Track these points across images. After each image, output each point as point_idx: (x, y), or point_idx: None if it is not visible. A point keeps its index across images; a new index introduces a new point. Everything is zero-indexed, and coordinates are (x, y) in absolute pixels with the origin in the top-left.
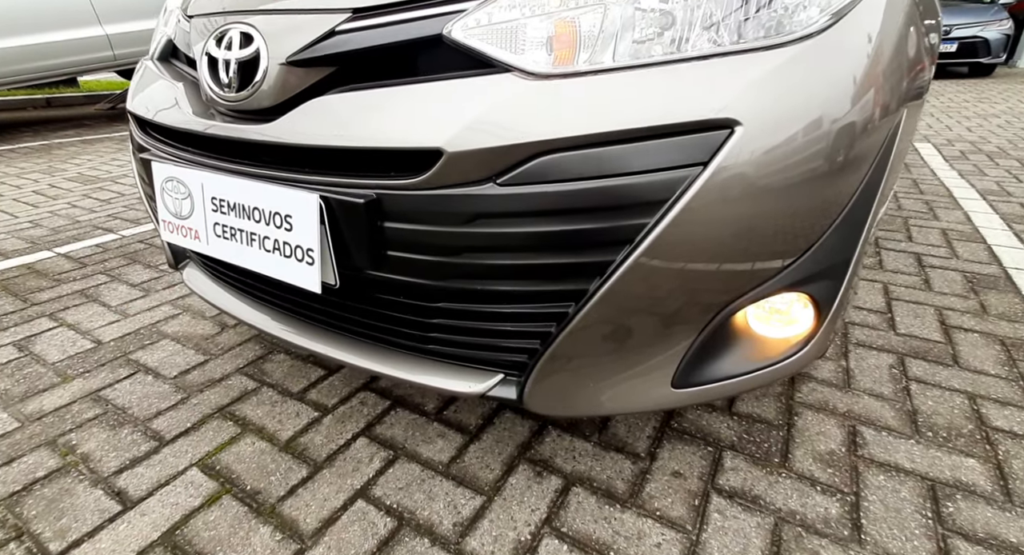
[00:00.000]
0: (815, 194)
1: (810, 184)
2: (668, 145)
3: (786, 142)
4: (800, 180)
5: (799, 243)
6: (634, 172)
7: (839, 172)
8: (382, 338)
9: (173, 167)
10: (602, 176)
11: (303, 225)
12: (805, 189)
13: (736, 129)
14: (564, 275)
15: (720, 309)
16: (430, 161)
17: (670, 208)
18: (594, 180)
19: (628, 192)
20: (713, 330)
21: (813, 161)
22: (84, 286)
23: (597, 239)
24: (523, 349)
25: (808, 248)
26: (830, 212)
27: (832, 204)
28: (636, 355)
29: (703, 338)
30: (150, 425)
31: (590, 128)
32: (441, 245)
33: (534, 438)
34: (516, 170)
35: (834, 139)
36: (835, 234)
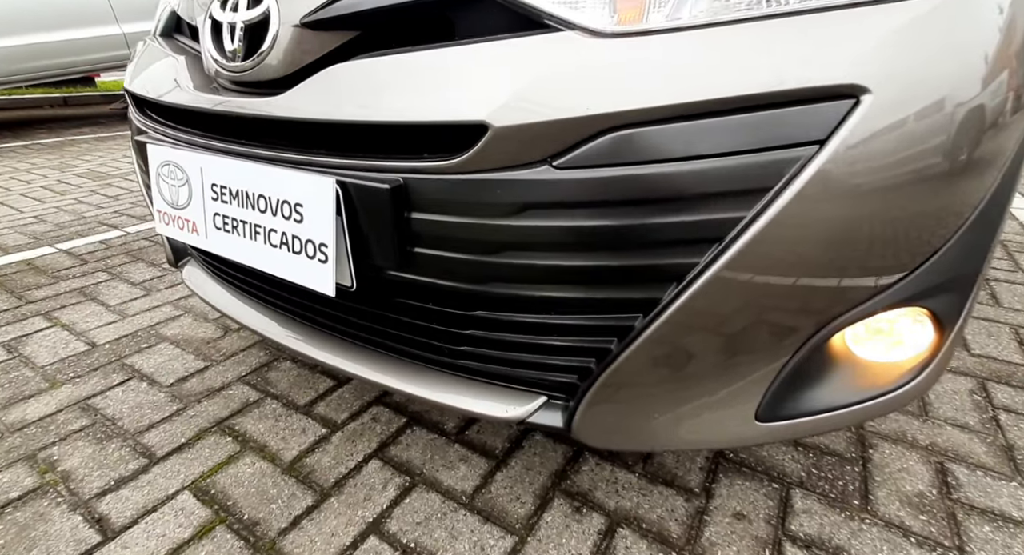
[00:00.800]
0: (952, 186)
1: (949, 174)
2: (772, 119)
3: (925, 119)
4: (938, 169)
5: (924, 248)
6: (728, 153)
7: (981, 161)
8: (404, 350)
9: (170, 150)
10: (686, 157)
11: (316, 216)
12: (943, 180)
13: (863, 99)
14: (632, 281)
15: (819, 328)
16: (471, 139)
17: (773, 199)
18: (675, 162)
19: (719, 178)
20: (809, 352)
21: (956, 145)
22: (83, 284)
23: (676, 237)
24: (573, 368)
25: (934, 253)
26: (964, 210)
27: (968, 200)
28: (714, 381)
29: (796, 362)
30: (141, 439)
31: (671, 98)
32: (480, 241)
33: (570, 466)
34: (577, 150)
35: (982, 120)
36: (966, 237)
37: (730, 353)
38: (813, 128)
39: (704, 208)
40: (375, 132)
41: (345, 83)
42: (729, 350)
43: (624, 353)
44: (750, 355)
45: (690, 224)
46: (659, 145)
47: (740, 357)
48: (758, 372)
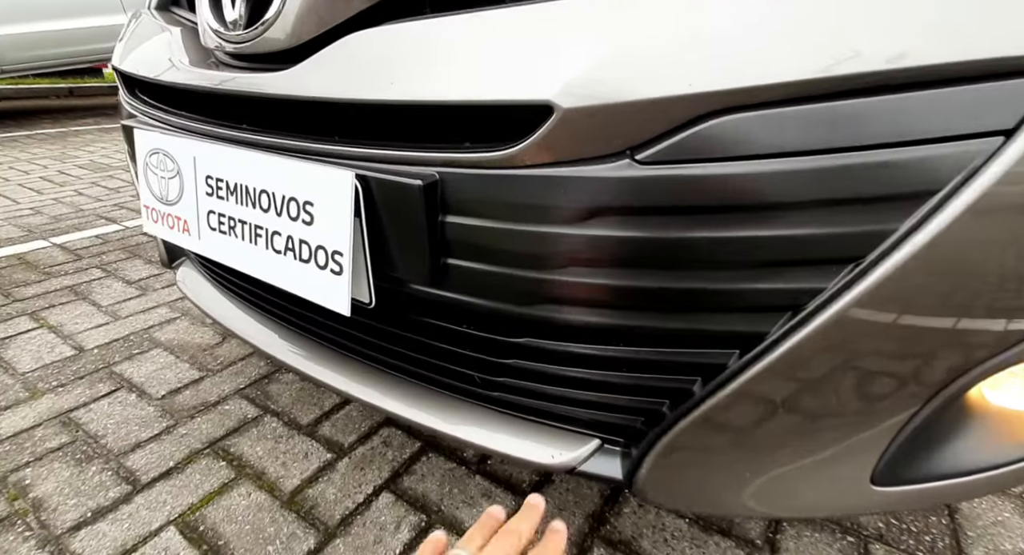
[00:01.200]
0: None
1: None
2: (941, 101)
3: None
4: None
5: None
6: (877, 145)
7: None
8: (427, 377)
9: (159, 136)
10: (816, 151)
11: (329, 217)
12: None
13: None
14: (730, 310)
15: (961, 374)
16: (529, 124)
17: (938, 209)
18: (803, 157)
19: (863, 179)
20: (945, 402)
21: None
22: (75, 281)
23: (797, 256)
24: (640, 409)
25: None
26: None
27: None
28: (823, 435)
29: (927, 414)
30: (125, 462)
31: (799, 71)
32: (534, 254)
33: (608, 508)
34: (669, 139)
35: None
36: None
37: (847, 403)
38: (999, 113)
39: (839, 219)
40: (404, 116)
41: (367, 55)
42: (846, 399)
43: (711, 398)
44: (872, 405)
45: (818, 240)
46: (781, 132)
47: (857, 407)
48: (878, 425)
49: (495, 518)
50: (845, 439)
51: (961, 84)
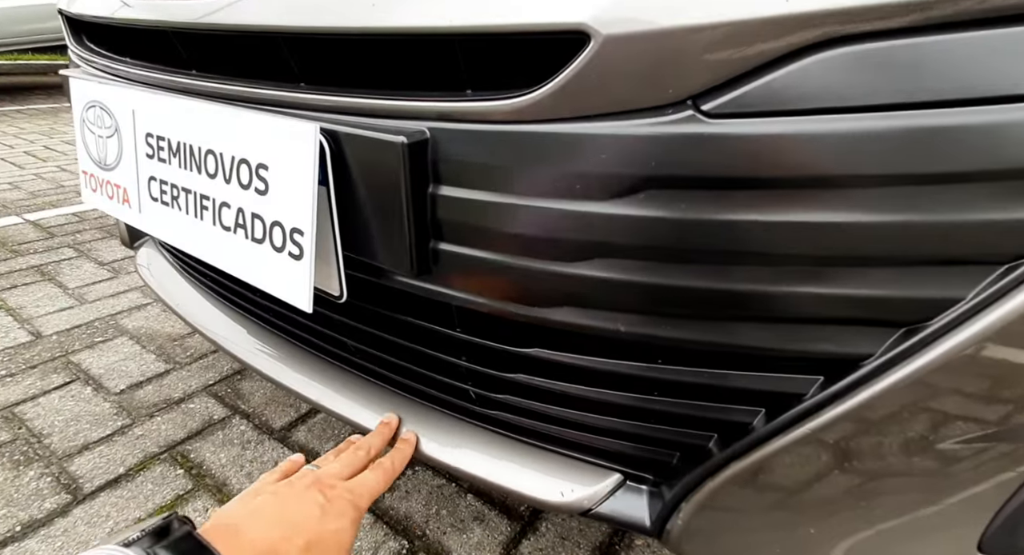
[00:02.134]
0: None
1: None
2: None
3: None
4: None
5: None
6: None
7: None
8: (413, 389)
9: (96, 86)
10: (979, 99)
11: (288, 184)
12: None
13: None
14: (820, 319)
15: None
16: (556, 60)
17: None
18: (956, 108)
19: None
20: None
21: None
22: (44, 261)
23: (937, 249)
24: (676, 443)
25: None
26: None
27: None
28: (920, 492)
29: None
30: (68, 466)
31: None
32: (555, 239)
33: (618, 540)
34: (751, 82)
35: None
36: None
37: (957, 456)
38: None
39: (1005, 198)
40: (386, 51)
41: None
42: (955, 451)
43: (781, 438)
44: (980, 460)
45: (963, 228)
46: (930, 74)
47: (965, 462)
48: (992, 483)
49: (350, 442)
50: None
51: None
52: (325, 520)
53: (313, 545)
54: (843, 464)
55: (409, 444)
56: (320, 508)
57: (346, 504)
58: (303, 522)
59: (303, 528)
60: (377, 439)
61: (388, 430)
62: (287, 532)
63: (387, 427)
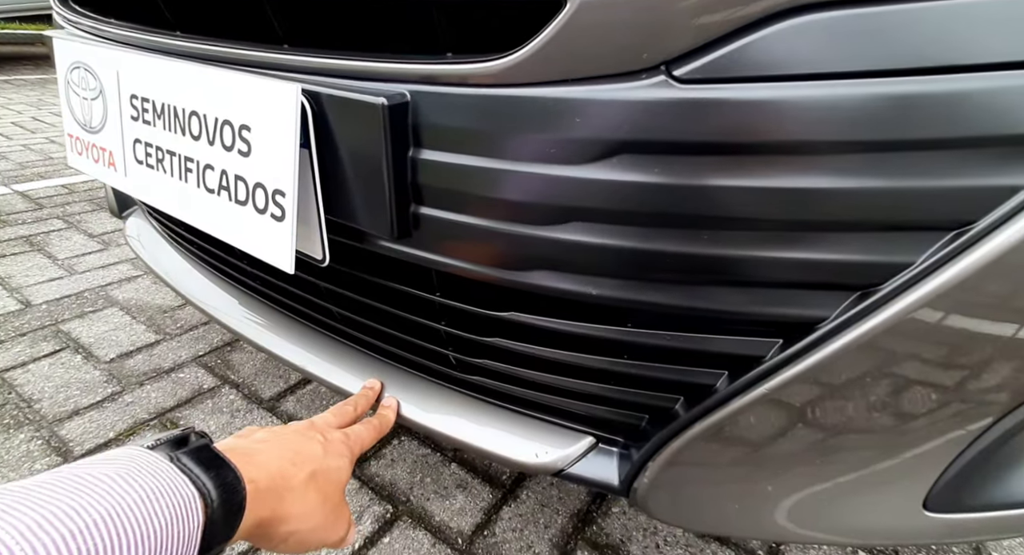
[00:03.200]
0: None
1: None
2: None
3: None
4: None
5: None
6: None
7: None
8: (397, 355)
9: (80, 46)
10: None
11: (270, 146)
12: None
13: None
14: (782, 283)
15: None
16: (533, 24)
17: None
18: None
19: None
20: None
21: None
22: (32, 231)
23: (890, 215)
24: (645, 405)
25: None
26: None
27: None
28: (870, 450)
29: (998, 433)
30: (58, 430)
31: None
32: (532, 202)
33: (595, 506)
34: (725, 46)
35: None
36: None
37: (903, 414)
38: None
39: (954, 167)
40: (367, 13)
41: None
42: (905, 410)
43: (740, 398)
44: (931, 419)
45: (917, 195)
46: (891, 43)
47: (916, 421)
48: (938, 442)
49: None
50: (900, 457)
51: None
52: (327, 457)
53: (318, 475)
54: (798, 423)
55: (391, 410)
56: (321, 446)
57: (343, 446)
58: (307, 454)
59: (308, 459)
60: (362, 400)
61: (372, 393)
62: (294, 459)
63: (371, 391)
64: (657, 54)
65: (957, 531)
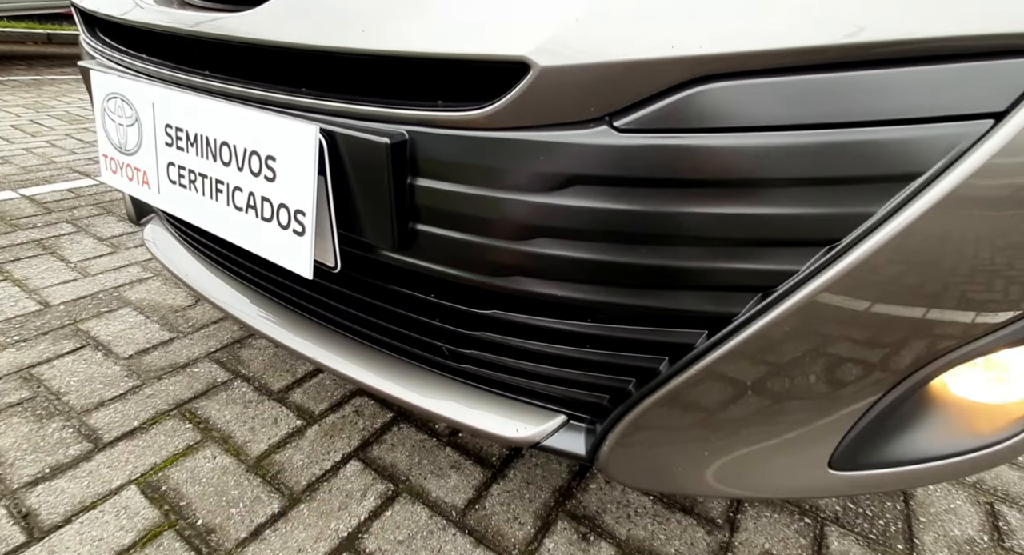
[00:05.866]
0: None
1: None
2: (929, 78)
3: None
4: None
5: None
6: (860, 122)
7: None
8: (395, 346)
9: (117, 79)
10: (800, 125)
11: (292, 173)
12: None
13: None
14: (703, 289)
15: (923, 365)
16: (505, 83)
17: (919, 193)
18: (786, 131)
19: (846, 157)
20: (905, 392)
21: None
22: (43, 235)
23: (773, 235)
24: (605, 387)
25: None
26: None
27: None
28: (785, 418)
29: (887, 403)
30: (87, 420)
31: (788, 39)
32: (504, 223)
33: (575, 483)
34: (651, 106)
35: None
36: None
37: (810, 388)
38: (991, 94)
39: (819, 198)
40: (375, 68)
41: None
42: (808, 384)
43: (677, 377)
44: (835, 391)
45: (795, 219)
46: (767, 106)
47: (821, 392)
48: (841, 411)
49: None
50: (806, 423)
51: (954, 61)
52: None
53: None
54: (722, 399)
55: None
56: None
57: None
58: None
59: None
60: None
61: None
62: None
63: None
64: (601, 108)
65: (857, 486)
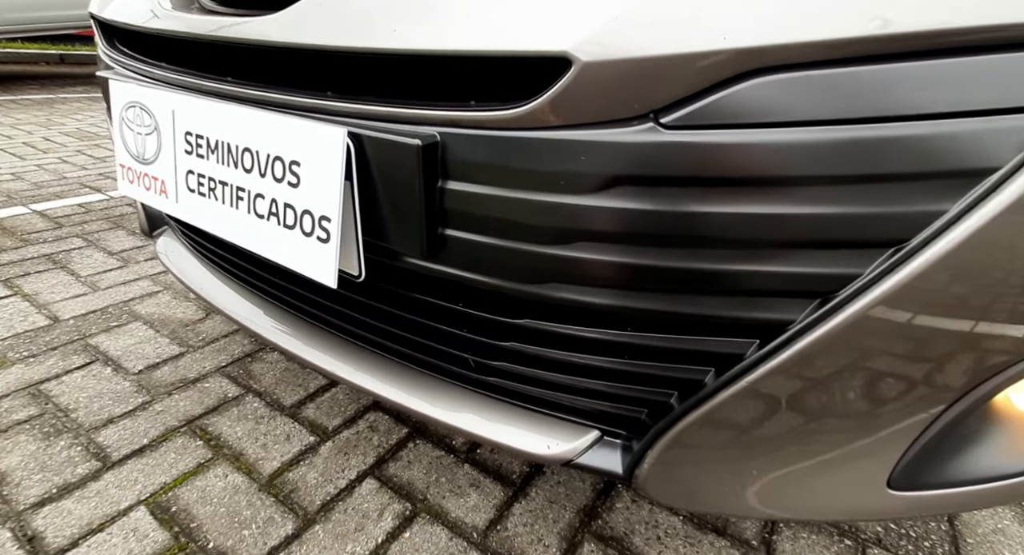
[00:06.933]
0: None
1: None
2: (1004, 66)
3: None
4: None
5: None
6: (932, 114)
7: None
8: (418, 358)
9: (136, 88)
10: (866, 119)
11: (317, 179)
12: None
13: None
14: (755, 293)
15: (989, 377)
16: (543, 80)
17: (997, 188)
18: (848, 126)
19: (915, 152)
20: (970, 406)
21: None
22: (54, 250)
23: (835, 236)
24: (644, 400)
25: None
26: None
27: None
28: (840, 434)
29: (951, 418)
30: (95, 437)
31: (851, 28)
32: (543, 227)
33: (600, 501)
34: (698, 101)
35: None
36: None
37: (869, 402)
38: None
39: (885, 197)
40: (405, 68)
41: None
42: (869, 398)
43: (725, 391)
44: (895, 406)
45: (859, 220)
46: (828, 99)
47: (881, 406)
48: (901, 426)
49: None
50: (864, 440)
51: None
52: None
53: None
54: (775, 413)
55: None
56: None
57: None
58: None
59: None
60: None
61: None
62: None
63: None
64: (647, 105)
65: (917, 508)
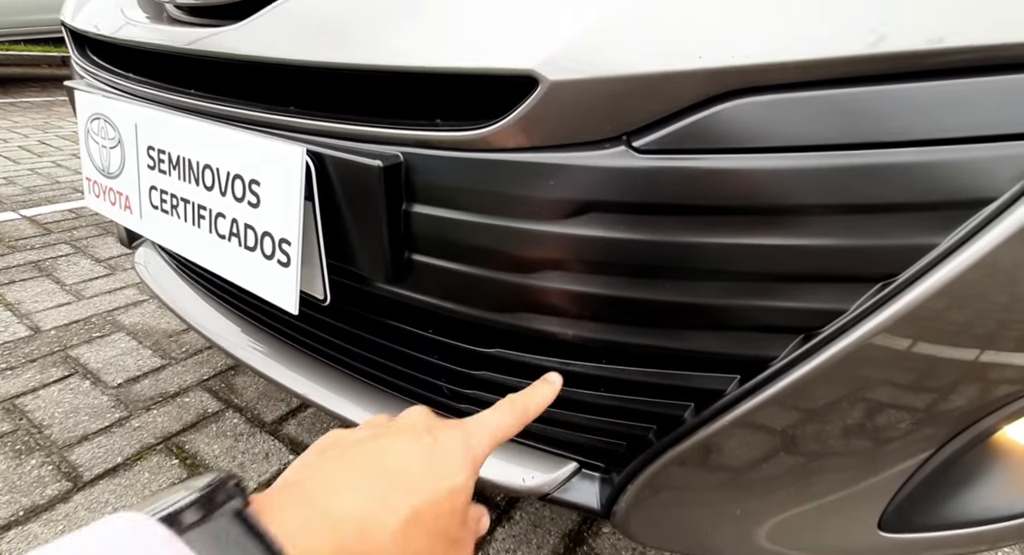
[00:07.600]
0: None
1: None
2: (1002, 90)
3: None
4: None
5: None
6: (923, 141)
7: None
8: (393, 384)
9: (100, 100)
10: (852, 145)
11: (276, 199)
12: None
13: None
14: (736, 327)
15: (985, 415)
16: (510, 99)
17: (993, 220)
18: (833, 152)
19: (905, 181)
20: (964, 445)
21: None
22: (40, 257)
23: (819, 269)
24: (621, 433)
25: None
26: None
27: None
28: (827, 475)
29: (945, 457)
30: (68, 455)
31: (835, 47)
32: (511, 254)
33: (586, 526)
34: (673, 124)
35: None
36: None
37: (858, 441)
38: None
39: (872, 228)
40: (367, 84)
41: (329, 10)
42: (857, 437)
43: (705, 427)
44: (885, 445)
45: (845, 252)
46: (811, 123)
47: (871, 446)
48: (892, 468)
49: None
50: (852, 480)
51: None
52: (436, 474)
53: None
54: (759, 452)
55: (551, 386)
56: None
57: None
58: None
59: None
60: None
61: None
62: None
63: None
64: (619, 127)
65: (908, 549)
